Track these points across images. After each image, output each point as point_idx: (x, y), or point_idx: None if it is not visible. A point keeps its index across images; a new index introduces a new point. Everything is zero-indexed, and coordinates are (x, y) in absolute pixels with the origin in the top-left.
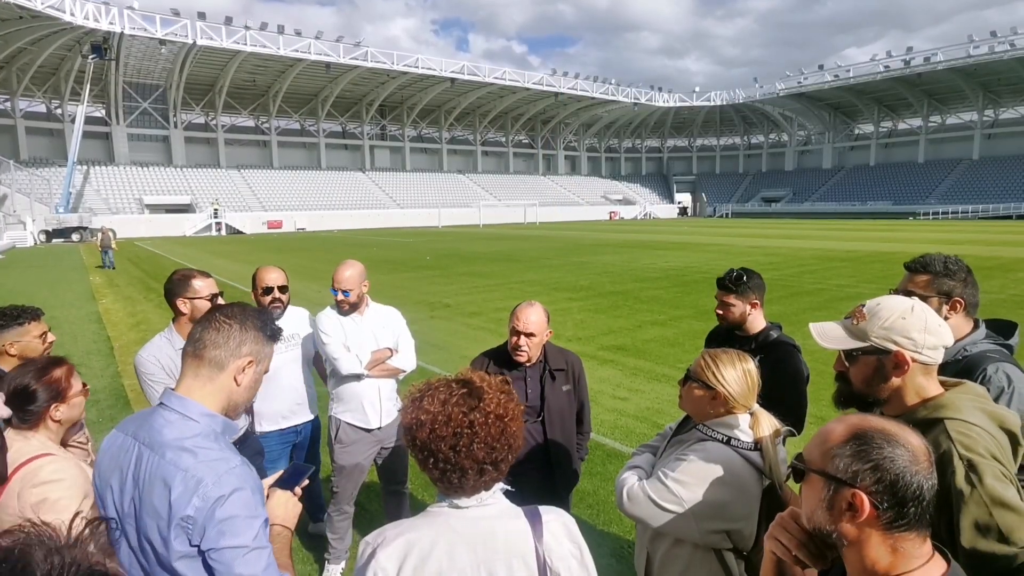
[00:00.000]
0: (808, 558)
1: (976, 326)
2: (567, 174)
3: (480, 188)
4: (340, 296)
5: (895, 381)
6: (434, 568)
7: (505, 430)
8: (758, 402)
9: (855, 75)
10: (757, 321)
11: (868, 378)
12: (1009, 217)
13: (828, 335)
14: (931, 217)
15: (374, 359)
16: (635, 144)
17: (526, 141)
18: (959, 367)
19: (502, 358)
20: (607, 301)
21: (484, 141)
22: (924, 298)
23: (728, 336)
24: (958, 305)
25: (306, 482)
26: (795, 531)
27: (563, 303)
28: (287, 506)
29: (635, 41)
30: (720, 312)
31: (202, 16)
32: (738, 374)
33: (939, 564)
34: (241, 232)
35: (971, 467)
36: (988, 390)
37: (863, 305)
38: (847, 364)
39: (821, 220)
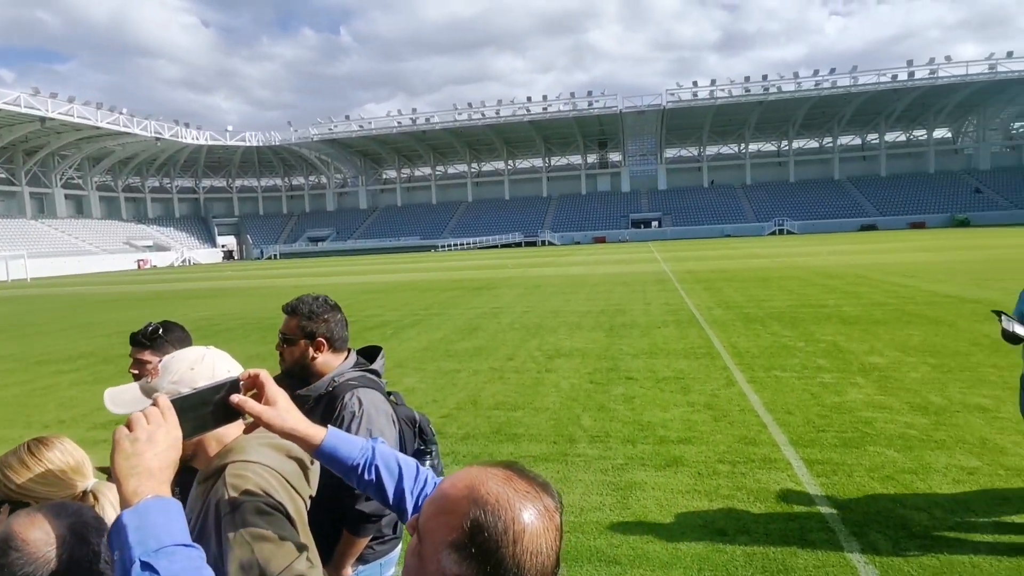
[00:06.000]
0: None
1: (347, 356)
2: (72, 217)
3: None
4: None
5: None
6: None
7: None
8: None
9: (376, 127)
10: None
11: None
12: (496, 246)
13: (120, 399)
14: (447, 249)
15: None
16: (163, 183)
17: (3, 176)
18: (329, 398)
19: None
20: (113, 368)
21: None
22: (294, 340)
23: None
24: (322, 345)
25: None
26: None
27: (48, 379)
28: None
29: (150, 69)
30: (134, 372)
31: None
32: (30, 475)
33: None
34: None
35: (234, 508)
36: (345, 416)
37: (161, 359)
38: None
39: (363, 256)
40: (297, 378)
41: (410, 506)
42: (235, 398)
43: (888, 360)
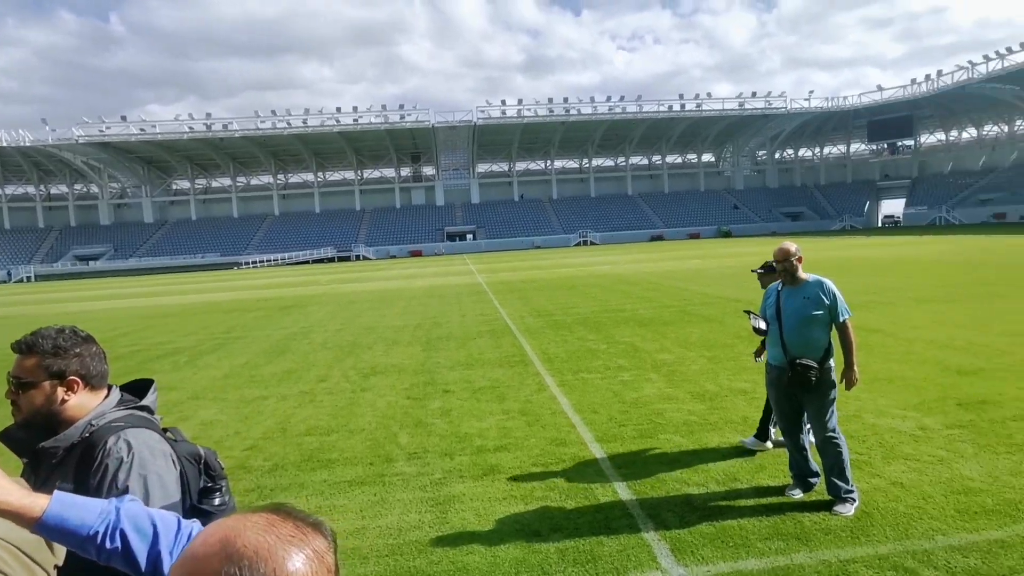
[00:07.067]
0: None
1: (108, 394)
2: None
3: None
4: None
5: None
6: None
7: None
8: None
9: (162, 131)
10: None
11: None
12: (307, 262)
13: None
14: (252, 265)
15: None
16: None
17: None
18: (84, 446)
19: None
20: None
21: None
22: (34, 383)
23: None
24: (76, 384)
25: None
26: None
27: None
28: None
29: None
30: None
31: None
32: None
33: None
34: None
35: None
36: (109, 464)
37: None
38: None
39: (150, 276)
40: (40, 428)
41: (168, 569)
42: None
43: (675, 356)
